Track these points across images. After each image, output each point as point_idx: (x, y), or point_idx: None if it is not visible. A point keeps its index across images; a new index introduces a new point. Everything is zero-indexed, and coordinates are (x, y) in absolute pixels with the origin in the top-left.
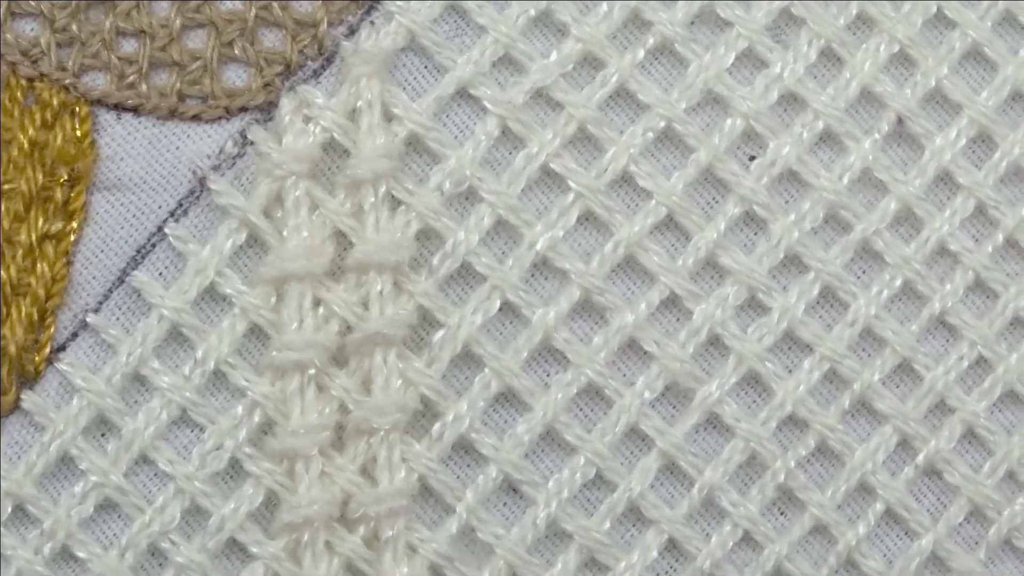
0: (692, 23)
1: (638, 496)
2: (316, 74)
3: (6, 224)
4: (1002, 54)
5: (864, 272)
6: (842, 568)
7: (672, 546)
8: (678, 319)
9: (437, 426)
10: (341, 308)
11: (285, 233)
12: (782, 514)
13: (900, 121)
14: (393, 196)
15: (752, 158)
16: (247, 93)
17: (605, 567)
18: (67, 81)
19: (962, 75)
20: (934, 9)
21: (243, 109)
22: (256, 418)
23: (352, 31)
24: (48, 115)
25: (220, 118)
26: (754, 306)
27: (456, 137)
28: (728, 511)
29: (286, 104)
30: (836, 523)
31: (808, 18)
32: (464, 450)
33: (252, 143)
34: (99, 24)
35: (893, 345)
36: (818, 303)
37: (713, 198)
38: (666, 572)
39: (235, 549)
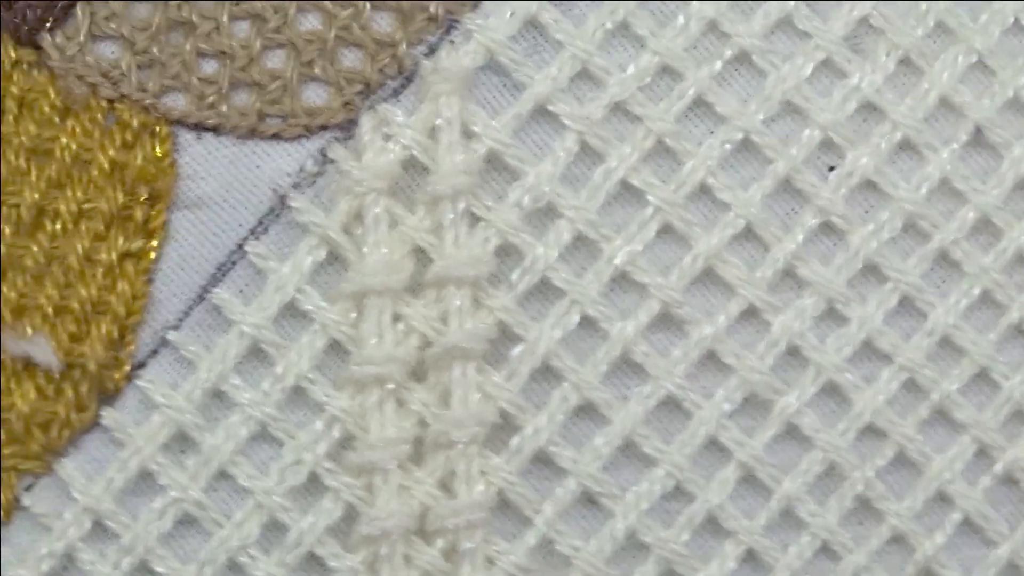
0: (770, 34)
1: (716, 507)
2: (396, 93)
3: (87, 243)
4: None
5: (943, 281)
6: None
7: (750, 557)
8: (757, 331)
9: (516, 439)
10: (420, 323)
11: (365, 249)
12: (860, 524)
13: (979, 130)
14: (472, 212)
15: (831, 168)
16: (327, 112)
17: None
18: (147, 102)
19: None
20: (1011, 20)
21: (323, 128)
22: (335, 433)
23: (432, 50)
24: (128, 135)
25: (300, 137)
26: (833, 317)
27: (535, 153)
28: (806, 522)
29: (366, 122)
30: (914, 533)
31: (886, 28)
32: (543, 463)
33: (332, 161)
34: (179, 46)
35: (971, 354)
36: (897, 313)
37: (791, 209)
38: None
39: (313, 563)
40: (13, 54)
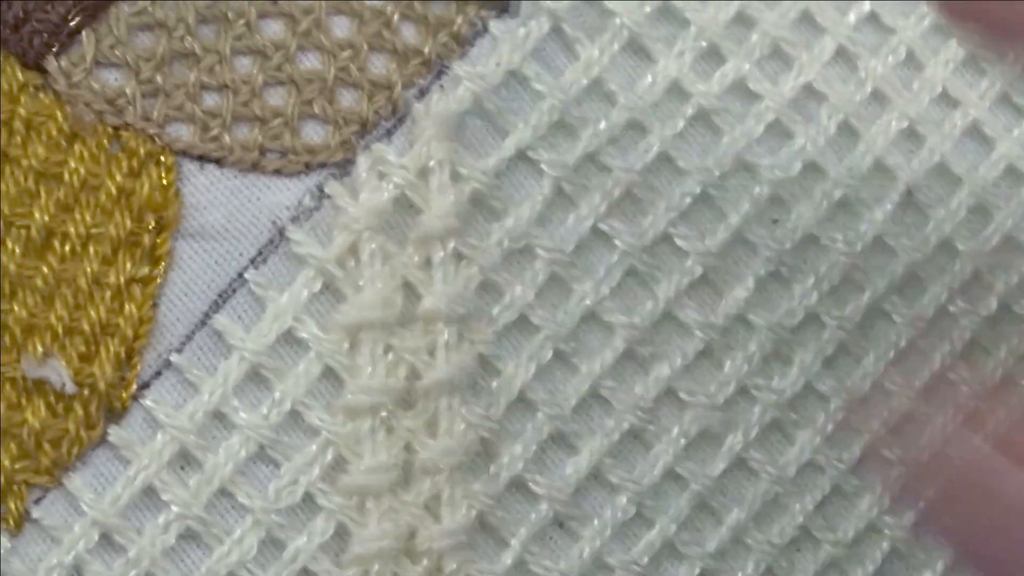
0: (726, 93)
1: (673, 533)
2: (389, 133)
3: (95, 266)
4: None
5: (874, 330)
6: None
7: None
8: (710, 370)
9: (494, 466)
10: (410, 355)
11: (361, 283)
12: (798, 551)
13: (909, 192)
14: (458, 251)
15: (775, 221)
16: (326, 150)
17: None
18: (152, 131)
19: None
20: (940, 89)
21: (322, 165)
22: (329, 456)
23: (423, 93)
24: (135, 163)
25: (300, 172)
26: (779, 359)
27: (511, 195)
28: (752, 547)
29: (363, 162)
30: (848, 560)
31: (829, 94)
32: (517, 489)
33: (329, 197)
34: (183, 77)
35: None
36: (833, 358)
37: (742, 258)
38: None
39: None
40: (20, 77)
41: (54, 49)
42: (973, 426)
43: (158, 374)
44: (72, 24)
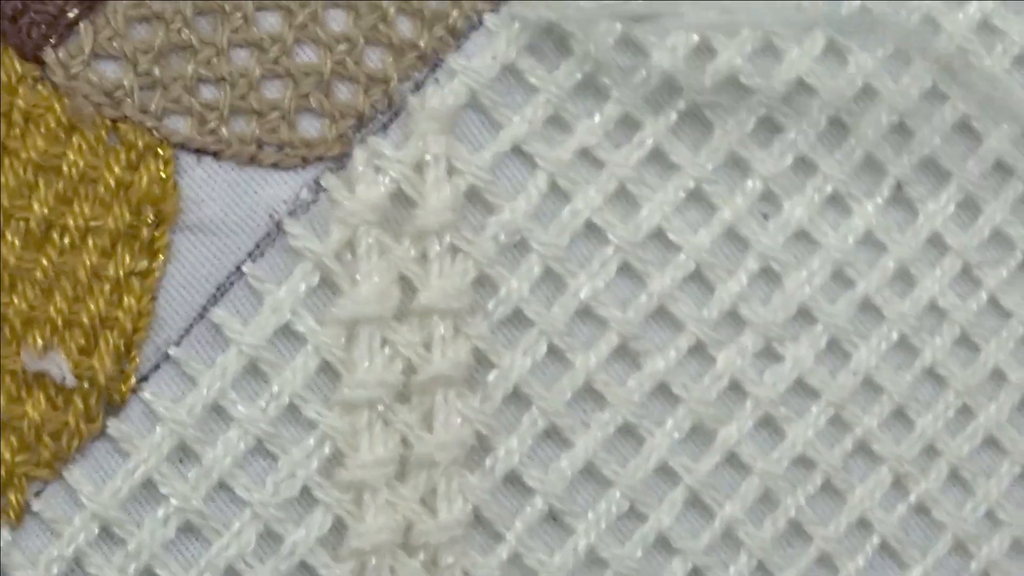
0: (719, 90)
1: (666, 528)
2: (384, 127)
3: (94, 259)
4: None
5: (864, 325)
6: None
7: (696, 574)
8: (703, 365)
9: (489, 460)
10: (406, 349)
11: (358, 277)
12: (791, 546)
13: (899, 186)
14: (454, 245)
15: (765, 216)
16: (323, 144)
17: None
18: (150, 124)
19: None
20: (929, 83)
21: (319, 158)
22: (326, 450)
23: (418, 87)
24: (133, 155)
25: (296, 166)
26: (770, 355)
27: (507, 189)
28: (744, 542)
29: (359, 155)
30: (838, 554)
31: (819, 88)
32: (512, 483)
33: (325, 190)
34: (181, 70)
35: (890, 392)
36: (825, 353)
37: (735, 253)
38: None
39: (306, 572)
40: (18, 68)
41: (52, 41)
42: None
43: (156, 367)
44: (70, 16)
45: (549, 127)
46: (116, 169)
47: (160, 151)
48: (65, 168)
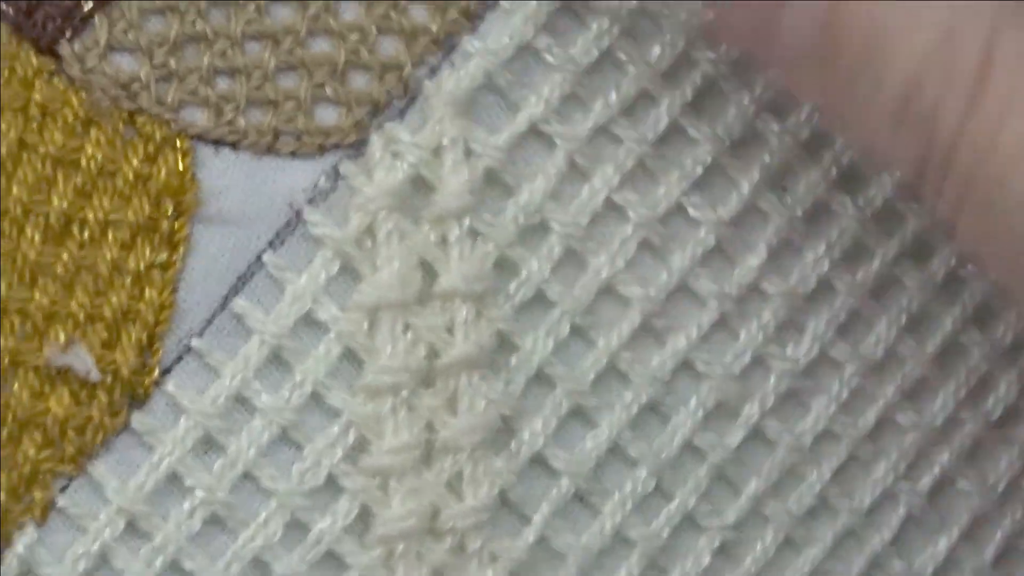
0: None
1: (693, 506)
2: (401, 113)
3: (115, 252)
4: None
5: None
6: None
7: (723, 551)
8: (725, 341)
9: (514, 443)
10: (428, 333)
11: (379, 262)
12: (814, 519)
13: None
14: (473, 228)
15: (785, 189)
16: (340, 132)
17: (664, 570)
18: (167, 116)
19: None
20: None
21: (336, 146)
22: (351, 437)
23: (433, 71)
24: (151, 148)
25: (314, 154)
26: (793, 327)
27: (524, 170)
28: (771, 518)
29: (376, 141)
30: (863, 528)
31: None
32: (538, 464)
33: (343, 178)
34: (196, 61)
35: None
36: (845, 326)
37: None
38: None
39: (332, 560)
40: (34, 62)
41: (67, 34)
42: None
43: (179, 359)
44: (85, 9)
45: (566, 105)
46: (134, 162)
47: (178, 143)
48: (83, 162)
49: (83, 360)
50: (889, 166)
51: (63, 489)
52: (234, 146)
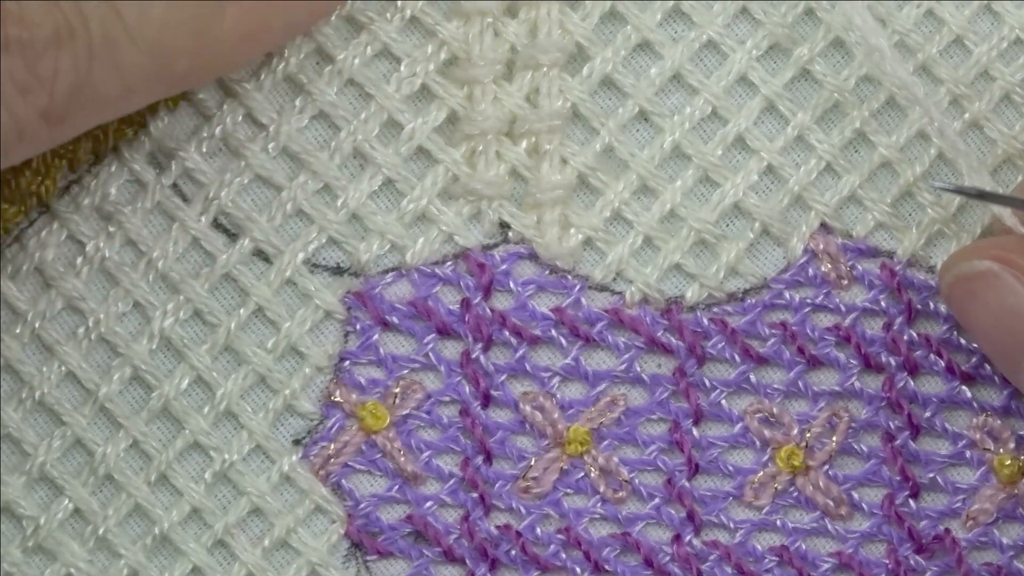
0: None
1: (744, 130)
2: None
3: None
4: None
5: None
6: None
7: (769, 171)
8: None
9: (587, 67)
10: None
11: None
12: (856, 151)
13: None
14: None
15: None
16: None
17: (715, 184)
18: None
19: None
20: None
21: None
22: (443, 54)
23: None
24: None
25: None
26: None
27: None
28: (814, 146)
29: None
30: (899, 162)
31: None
32: (608, 87)
33: None
34: None
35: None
36: None
37: None
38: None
39: (424, 155)
40: None
41: None
42: None
43: None
44: None
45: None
46: None
47: None
48: None
49: None
50: None
51: None
52: None
